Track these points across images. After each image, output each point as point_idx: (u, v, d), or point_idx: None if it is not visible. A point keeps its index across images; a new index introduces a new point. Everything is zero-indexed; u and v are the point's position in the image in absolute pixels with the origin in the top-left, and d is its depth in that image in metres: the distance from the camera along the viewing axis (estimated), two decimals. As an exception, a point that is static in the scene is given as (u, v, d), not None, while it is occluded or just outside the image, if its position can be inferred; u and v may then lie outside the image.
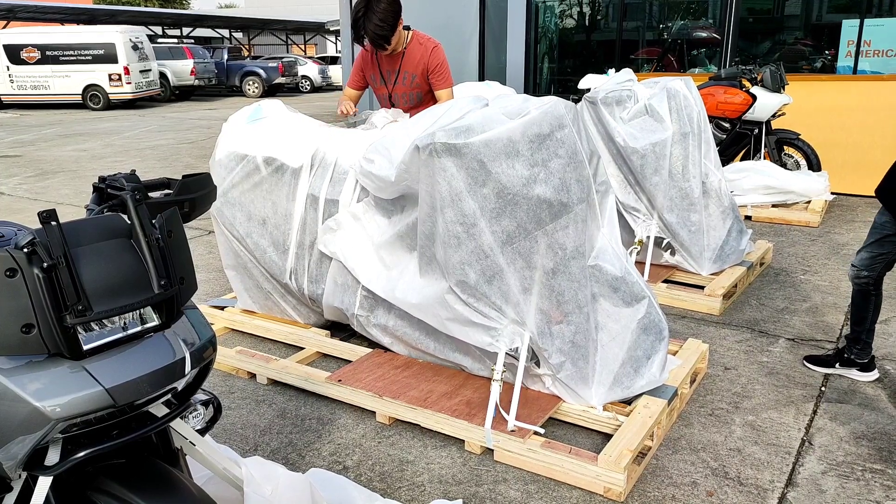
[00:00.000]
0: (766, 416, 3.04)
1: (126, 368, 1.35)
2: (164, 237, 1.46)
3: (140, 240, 1.41)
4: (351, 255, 3.24)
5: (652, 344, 2.88)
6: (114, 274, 1.36)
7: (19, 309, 1.26)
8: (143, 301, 1.38)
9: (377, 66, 3.92)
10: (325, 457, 2.79)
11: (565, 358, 2.81)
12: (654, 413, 2.75)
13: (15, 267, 1.24)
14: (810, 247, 5.46)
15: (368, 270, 3.21)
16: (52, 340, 1.29)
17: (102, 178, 1.67)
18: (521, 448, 2.65)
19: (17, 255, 1.25)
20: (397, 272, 3.08)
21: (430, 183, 2.72)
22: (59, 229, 1.29)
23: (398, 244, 3.15)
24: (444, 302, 2.81)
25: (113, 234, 1.41)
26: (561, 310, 2.76)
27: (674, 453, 2.78)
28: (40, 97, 19.69)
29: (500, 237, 2.68)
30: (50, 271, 1.27)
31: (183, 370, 1.44)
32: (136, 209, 1.42)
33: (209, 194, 1.82)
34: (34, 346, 1.28)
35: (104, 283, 1.34)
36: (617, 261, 2.87)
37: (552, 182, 2.68)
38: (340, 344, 3.62)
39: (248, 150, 3.51)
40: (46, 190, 8.17)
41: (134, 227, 1.42)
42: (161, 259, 1.43)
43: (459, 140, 2.63)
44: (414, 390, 3.05)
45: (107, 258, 1.36)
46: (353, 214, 3.29)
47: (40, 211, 1.27)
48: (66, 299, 1.28)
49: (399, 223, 3.15)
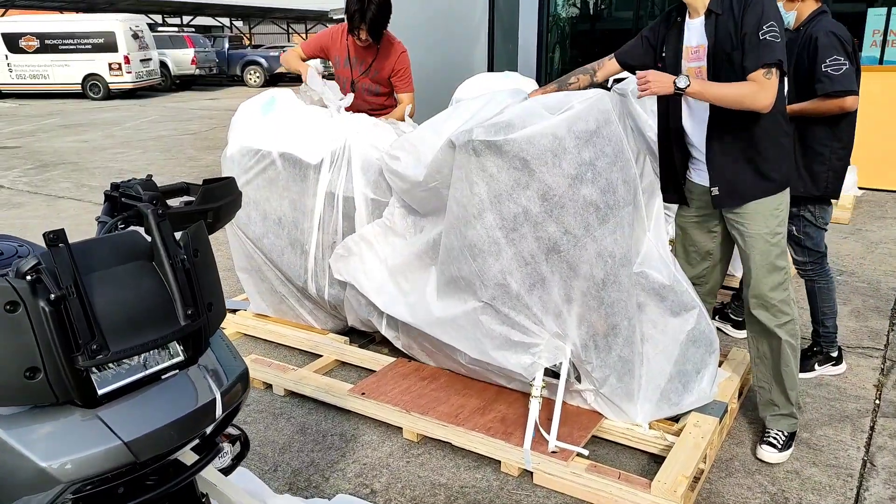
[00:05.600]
0: (821, 433, 2.84)
1: (148, 416, 1.14)
2: (191, 257, 1.25)
3: (163, 262, 1.20)
4: (365, 282, 3.04)
5: (702, 357, 2.67)
6: (133, 304, 1.15)
7: (22, 349, 1.04)
8: (167, 336, 1.17)
9: (346, 50, 3.83)
10: (351, 478, 2.59)
11: (610, 372, 2.60)
12: (706, 433, 2.55)
13: (16, 300, 1.03)
14: (843, 245, 5.24)
15: (385, 296, 3.00)
16: (60, 386, 1.08)
17: (115, 185, 1.45)
18: (563, 471, 2.45)
19: (18, 286, 1.03)
20: (415, 297, 2.87)
21: (465, 185, 2.50)
22: (69, 253, 1.08)
23: (416, 265, 2.94)
24: (478, 324, 2.60)
25: (131, 256, 1.19)
26: (607, 321, 2.55)
27: (727, 476, 2.57)
28: (39, 86, 19.35)
29: (544, 243, 2.47)
30: (58, 304, 1.06)
31: (213, 414, 1.23)
32: (158, 226, 1.21)
33: (234, 202, 1.60)
34: (40, 394, 1.07)
35: (122, 316, 1.13)
36: (664, 268, 2.66)
37: (599, 182, 2.46)
38: (360, 351, 3.41)
39: (262, 145, 3.29)
40: (47, 183, 7.94)
41: (156, 248, 1.21)
42: (187, 283, 1.22)
43: (500, 136, 2.41)
44: (444, 405, 2.85)
45: (124, 285, 1.15)
46: (364, 238, 3.09)
47: (46, 232, 1.06)
48: (77, 337, 1.07)
49: (417, 243, 2.94)
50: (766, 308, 2.59)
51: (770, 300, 2.57)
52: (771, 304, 2.58)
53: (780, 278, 2.57)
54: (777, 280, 2.56)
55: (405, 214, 2.98)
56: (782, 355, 2.63)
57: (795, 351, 2.64)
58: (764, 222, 2.55)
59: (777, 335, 2.60)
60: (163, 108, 16.77)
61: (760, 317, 2.61)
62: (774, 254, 2.56)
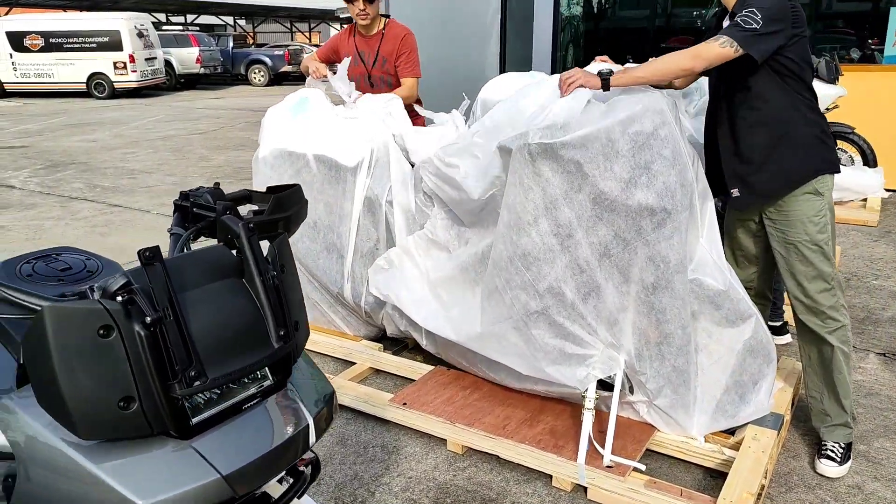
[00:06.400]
0: (878, 445, 2.75)
1: (244, 447, 1.06)
2: (279, 273, 1.16)
3: (254, 280, 1.11)
4: (405, 295, 2.94)
5: (759, 367, 2.58)
6: (226, 326, 1.06)
7: (116, 378, 0.96)
8: (262, 360, 1.08)
9: (354, 47, 3.81)
10: (398, 493, 2.50)
11: (664, 383, 2.51)
12: (765, 446, 2.46)
13: (110, 323, 0.95)
14: (875, 248, 5.16)
15: (424, 310, 2.91)
16: (156, 416, 0.99)
17: (184, 194, 1.37)
18: (620, 487, 2.36)
19: (112, 308, 0.95)
20: (458, 311, 2.78)
21: (519, 191, 2.41)
22: (165, 272, 0.99)
23: (460, 279, 2.84)
24: (530, 339, 2.51)
25: (220, 274, 1.11)
26: (659, 328, 2.47)
27: (787, 491, 2.49)
28: (44, 85, 19.25)
29: (597, 249, 2.38)
30: (153, 327, 0.97)
31: (307, 442, 1.15)
32: (249, 241, 1.12)
33: (302, 211, 1.52)
34: (134, 425, 0.98)
35: (215, 339, 1.04)
36: (720, 274, 2.57)
37: (655, 186, 2.37)
38: (395, 359, 3.32)
39: (296, 147, 3.20)
40: (59, 183, 7.85)
41: (247, 264, 1.12)
42: (277, 302, 1.14)
43: (555, 140, 2.32)
44: (489, 416, 2.76)
45: (216, 306, 1.07)
46: (406, 250, 3.00)
47: (142, 249, 0.97)
48: (174, 363, 0.99)
49: (461, 255, 2.84)
50: (814, 313, 2.53)
51: (819, 305, 2.51)
52: (819, 309, 2.52)
53: (825, 284, 2.50)
54: (823, 286, 2.50)
55: (449, 226, 2.89)
56: (834, 363, 2.56)
57: (848, 358, 2.57)
58: (803, 229, 2.50)
59: (828, 342, 2.54)
60: (168, 107, 16.68)
61: (809, 323, 2.55)
62: (817, 260, 2.50)
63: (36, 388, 0.96)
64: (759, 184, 2.54)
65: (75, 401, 0.94)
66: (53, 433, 0.99)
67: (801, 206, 2.50)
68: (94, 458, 0.98)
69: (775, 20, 2.28)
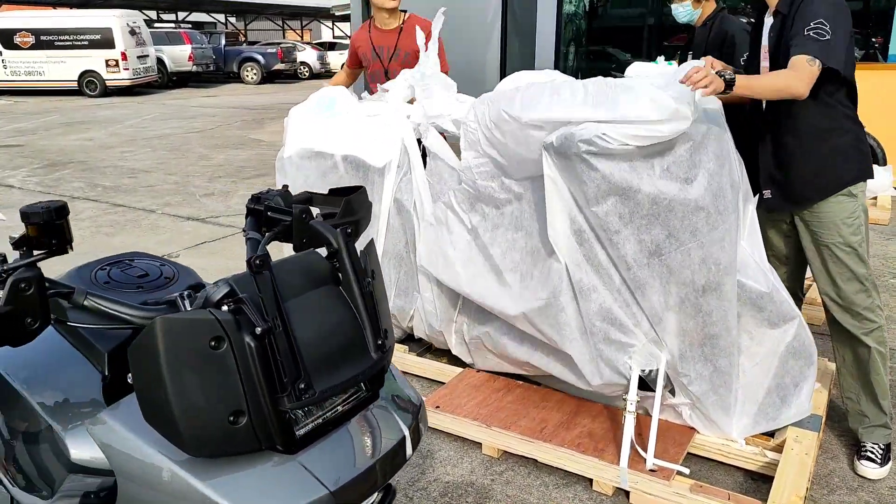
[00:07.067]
0: (915, 446, 2.74)
1: (347, 461, 1.02)
2: (370, 281, 1.12)
3: (352, 288, 1.07)
4: (452, 252, 2.86)
5: (801, 370, 2.56)
6: (328, 336, 1.02)
7: (226, 391, 0.91)
8: (365, 371, 1.04)
9: (370, 43, 3.79)
10: (436, 498, 2.46)
11: (707, 385, 2.49)
12: (808, 448, 2.44)
13: (222, 335, 0.90)
14: (888, 246, 5.16)
15: (471, 270, 2.82)
16: (265, 431, 0.95)
17: (256, 197, 1.33)
18: (665, 491, 2.33)
19: (223, 319, 0.90)
20: (514, 277, 2.71)
21: (563, 185, 2.38)
22: (273, 281, 0.95)
23: (512, 239, 2.76)
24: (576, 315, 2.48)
25: (318, 281, 1.07)
26: (704, 330, 2.44)
27: (829, 493, 2.47)
28: (35, 83, 19.01)
29: (647, 247, 2.35)
30: (263, 338, 0.93)
31: (405, 454, 1.11)
32: (347, 247, 1.08)
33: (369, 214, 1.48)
34: (244, 440, 0.94)
35: (319, 350, 1.00)
36: (762, 276, 2.54)
37: (711, 187, 2.34)
38: (420, 360, 3.29)
39: (322, 147, 3.15)
40: (58, 183, 7.75)
41: (345, 271, 1.08)
42: (374, 311, 1.09)
43: (605, 141, 2.28)
44: (524, 419, 2.73)
45: (318, 315, 1.02)
46: (448, 205, 2.90)
47: (252, 256, 0.93)
48: (283, 375, 0.94)
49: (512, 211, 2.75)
50: (850, 314, 2.52)
51: (855, 306, 2.50)
52: (855, 310, 2.51)
53: (861, 285, 2.49)
54: (858, 286, 2.49)
55: (490, 175, 2.72)
56: (871, 363, 2.54)
57: (885, 358, 2.55)
58: (836, 231, 2.49)
59: (864, 343, 2.53)
60: (162, 105, 16.53)
61: (845, 323, 2.53)
62: (852, 262, 2.49)
63: (143, 403, 0.91)
64: (792, 189, 2.55)
65: (186, 416, 0.89)
66: (157, 449, 0.94)
67: (833, 208, 2.49)
68: (200, 475, 0.93)
69: (840, 24, 2.27)
